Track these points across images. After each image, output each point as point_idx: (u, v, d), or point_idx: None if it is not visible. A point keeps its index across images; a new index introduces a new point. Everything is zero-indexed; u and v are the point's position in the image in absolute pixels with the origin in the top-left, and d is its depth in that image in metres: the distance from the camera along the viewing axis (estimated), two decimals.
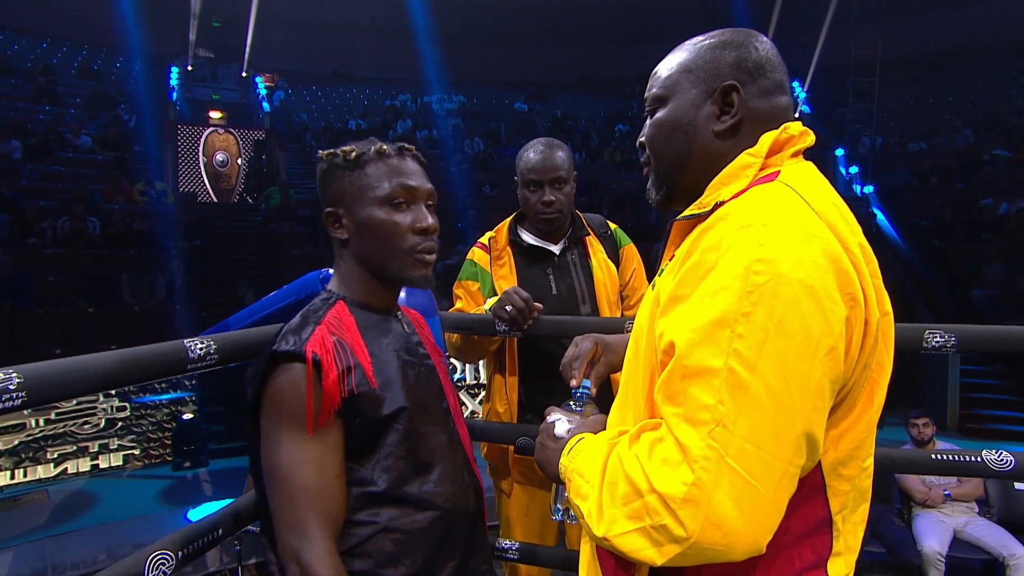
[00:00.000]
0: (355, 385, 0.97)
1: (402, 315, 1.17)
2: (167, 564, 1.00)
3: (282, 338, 0.98)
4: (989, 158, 11.12)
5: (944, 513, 3.55)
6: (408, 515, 1.00)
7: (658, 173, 0.93)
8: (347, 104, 17.78)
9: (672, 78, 0.90)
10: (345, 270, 1.11)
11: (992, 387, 7.21)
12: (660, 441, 0.70)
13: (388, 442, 1.00)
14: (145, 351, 1.03)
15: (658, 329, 0.76)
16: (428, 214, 1.09)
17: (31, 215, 8.16)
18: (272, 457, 0.95)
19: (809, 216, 0.73)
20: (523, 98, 18.58)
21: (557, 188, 1.80)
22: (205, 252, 9.23)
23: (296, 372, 0.95)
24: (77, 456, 5.62)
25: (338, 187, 1.08)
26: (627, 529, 0.69)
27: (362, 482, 0.99)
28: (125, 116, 12.63)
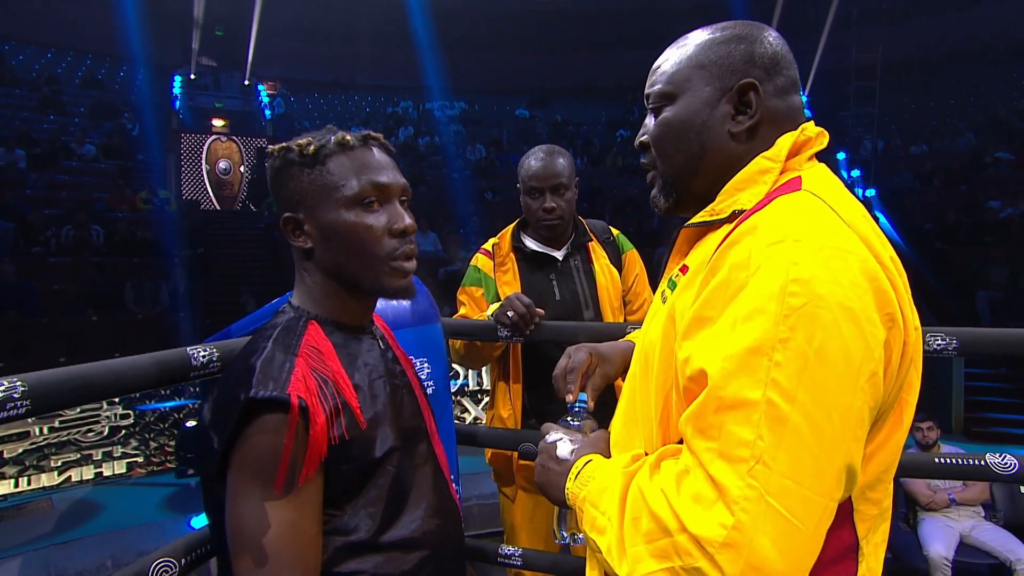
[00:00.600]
0: (345, 430, 0.84)
1: (376, 329, 1.03)
2: (171, 571, 1.00)
3: (257, 381, 0.81)
4: (992, 161, 11.10)
5: (950, 517, 3.53)
6: (395, 560, 0.89)
7: (666, 178, 0.86)
8: (349, 111, 17.85)
9: (681, 73, 0.82)
10: (311, 283, 0.95)
11: (997, 390, 7.18)
12: (687, 474, 0.65)
13: (377, 485, 0.88)
14: (148, 359, 1.03)
15: (682, 353, 0.70)
16: (404, 213, 0.94)
17: (36, 224, 8.21)
18: (240, 521, 0.80)
19: (842, 229, 0.67)
20: (524, 104, 18.63)
21: (558, 195, 1.82)
22: (208, 260, 9.26)
23: (277, 424, 0.80)
24: (81, 464, 5.63)
25: (296, 188, 0.92)
26: (654, 569, 0.64)
27: (344, 531, 0.87)
28: (129, 125, 12.70)
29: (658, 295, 0.89)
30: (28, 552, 3.93)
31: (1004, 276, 8.12)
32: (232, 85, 16.21)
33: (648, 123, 0.87)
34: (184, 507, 5.01)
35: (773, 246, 0.65)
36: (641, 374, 0.83)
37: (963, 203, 10.06)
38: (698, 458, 0.65)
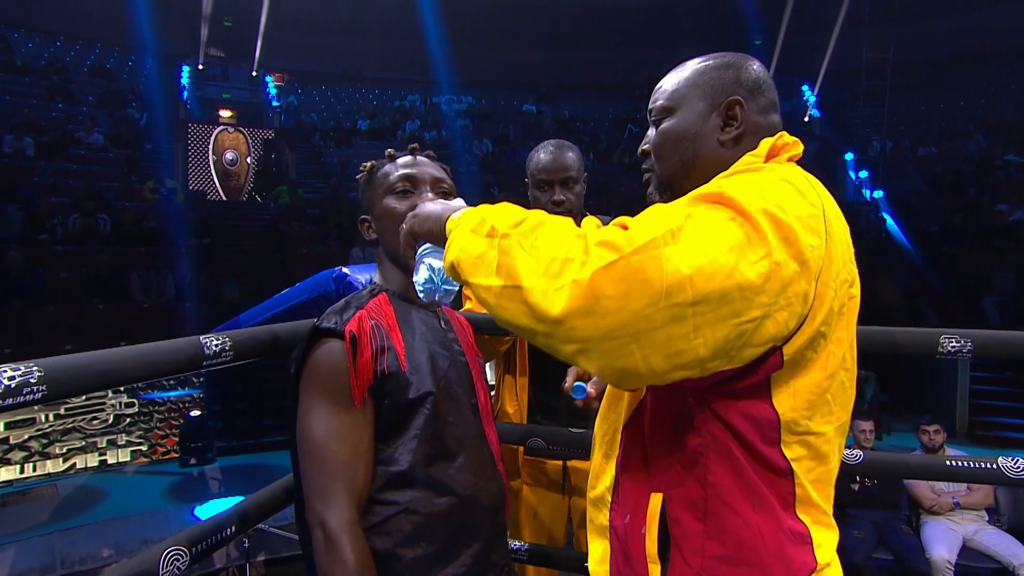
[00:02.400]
0: (387, 366, 1.03)
1: (442, 312, 1.22)
2: (181, 560, 1.01)
3: (325, 317, 1.06)
4: (1001, 164, 11.04)
5: (953, 521, 3.53)
6: (428, 498, 1.03)
7: (662, 179, 0.98)
8: (356, 104, 17.83)
9: (679, 92, 0.95)
10: (383, 266, 1.20)
11: (1002, 394, 7.15)
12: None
13: (414, 424, 1.04)
14: (162, 347, 1.04)
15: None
16: (432, 197, 1.14)
17: (43, 212, 8.22)
18: (306, 427, 1.00)
19: (790, 190, 0.77)
20: (532, 100, 18.60)
21: (567, 188, 1.81)
22: (214, 250, 9.28)
23: (334, 348, 1.02)
24: (86, 451, 5.66)
25: (364, 196, 1.21)
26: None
27: (387, 462, 1.03)
28: (136, 114, 12.71)
29: None
30: (33, 538, 3.95)
31: (1012, 280, 8.08)
32: (240, 76, 16.21)
33: (649, 134, 0.99)
34: (187, 496, 5.04)
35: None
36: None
37: (972, 206, 10.02)
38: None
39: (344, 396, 1.00)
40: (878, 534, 3.66)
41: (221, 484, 5.40)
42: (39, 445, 5.46)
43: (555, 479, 1.84)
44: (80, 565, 3.73)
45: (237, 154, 12.68)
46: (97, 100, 12.84)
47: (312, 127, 15.32)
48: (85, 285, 7.47)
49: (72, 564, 3.70)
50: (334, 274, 2.05)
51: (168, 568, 0.98)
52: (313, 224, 10.28)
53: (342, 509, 0.96)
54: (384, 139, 15.44)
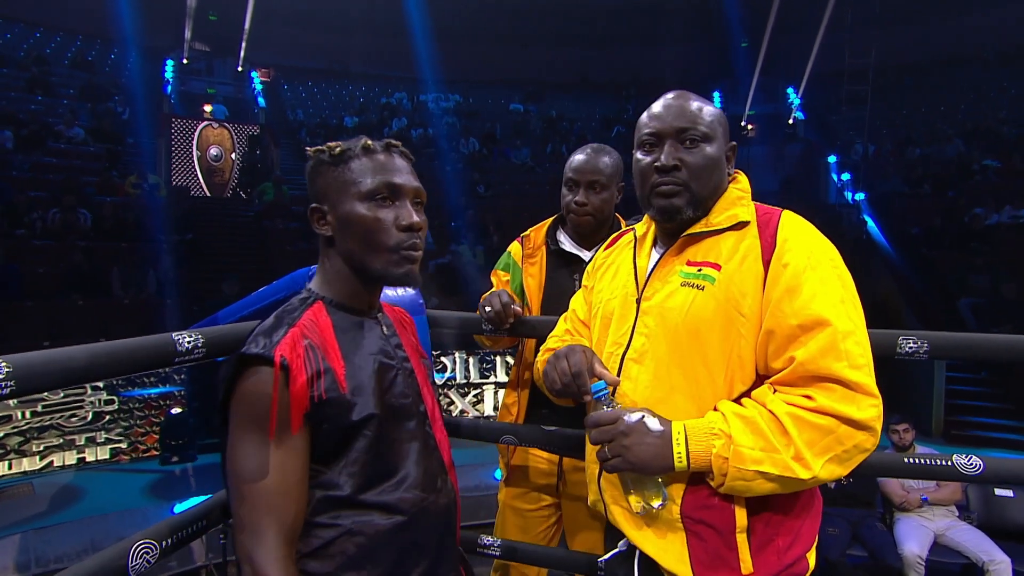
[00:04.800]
0: (324, 390, 0.96)
1: (383, 316, 1.15)
2: (151, 553, 1.02)
3: (252, 340, 0.96)
4: (979, 168, 11.22)
5: (925, 517, 3.59)
6: (372, 519, 0.99)
7: (698, 196, 1.13)
8: (343, 100, 17.74)
9: (714, 125, 1.15)
10: (328, 268, 1.09)
11: (978, 394, 7.27)
12: (823, 388, 0.98)
13: (356, 448, 0.99)
14: (134, 343, 1.04)
15: (783, 316, 1.02)
16: (414, 211, 1.06)
17: (21, 206, 8.11)
18: (235, 460, 0.94)
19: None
20: (519, 99, 18.60)
21: (593, 191, 1.79)
22: (197, 246, 9.20)
23: (263, 376, 0.93)
24: (63, 449, 5.59)
25: (323, 183, 1.07)
26: (826, 459, 0.97)
27: (327, 485, 0.98)
28: (119, 108, 12.56)
29: (671, 282, 1.14)
30: (8, 536, 3.91)
31: (986, 283, 8.22)
32: (225, 71, 16.06)
33: (675, 151, 1.13)
34: (167, 494, 5.00)
35: (814, 242, 1.08)
36: (688, 345, 1.08)
37: (950, 209, 10.17)
38: (836, 376, 0.97)
39: (276, 427, 0.93)
40: (852, 531, 3.72)
41: (201, 482, 5.36)
42: (15, 443, 5.39)
43: (549, 472, 1.85)
44: (56, 564, 3.69)
45: (222, 150, 12.57)
46: (78, 93, 12.66)
47: (298, 124, 15.22)
48: (64, 281, 7.38)
49: (47, 563, 3.66)
50: (309, 272, 2.04)
51: (138, 561, 0.99)
52: (298, 221, 10.22)
53: (271, 547, 0.91)
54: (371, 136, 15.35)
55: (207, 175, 12.37)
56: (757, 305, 1.05)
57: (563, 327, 1.43)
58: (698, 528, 1.05)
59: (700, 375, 1.07)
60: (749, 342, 1.06)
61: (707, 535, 1.05)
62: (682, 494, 1.06)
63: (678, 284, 1.11)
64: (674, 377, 1.08)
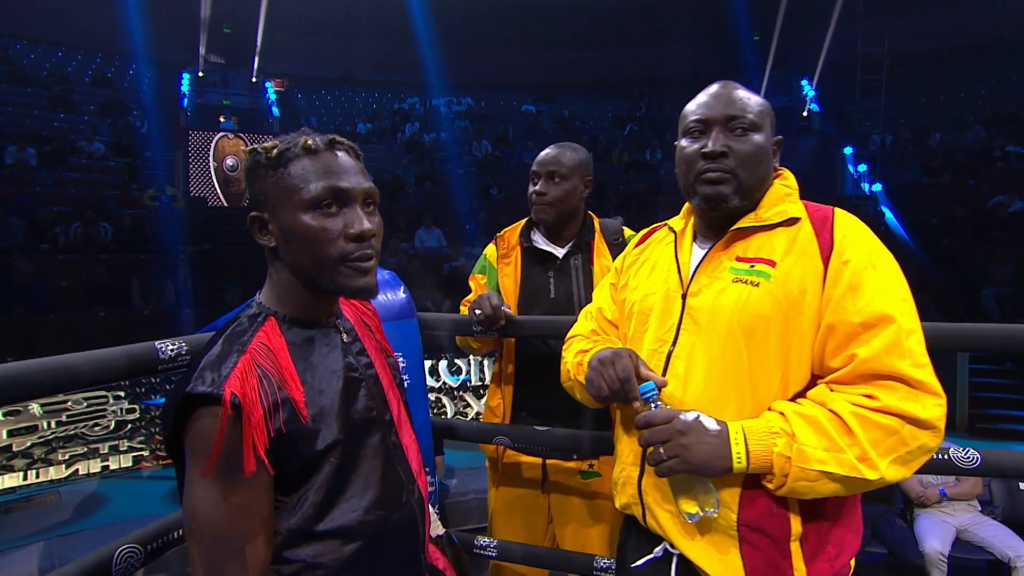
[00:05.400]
0: (283, 423, 0.87)
1: (341, 321, 1.05)
2: (136, 557, 1.03)
3: (198, 376, 0.85)
4: (1001, 154, 10.97)
5: (945, 513, 3.52)
6: (333, 548, 0.92)
7: (746, 185, 1.11)
8: (356, 107, 17.90)
9: (762, 115, 1.13)
10: (278, 280, 0.98)
11: (1003, 387, 7.11)
12: (885, 388, 0.96)
13: (321, 475, 0.91)
14: (116, 352, 1.07)
15: (845, 314, 1.00)
16: (364, 217, 0.94)
17: (44, 221, 8.32)
18: (192, 504, 0.84)
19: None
20: (531, 100, 18.61)
21: (553, 182, 1.81)
22: (214, 256, 9.35)
23: (212, 418, 0.83)
24: (88, 457, 5.71)
25: (261, 188, 0.94)
26: (891, 459, 0.95)
27: (288, 517, 0.91)
28: (137, 123, 12.81)
29: (721, 278, 1.11)
30: (35, 543, 4.00)
31: (1010, 272, 8.03)
32: (240, 82, 16.29)
33: (723, 138, 1.11)
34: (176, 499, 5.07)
35: (873, 241, 1.08)
36: (742, 343, 1.05)
37: (972, 198, 9.95)
38: (900, 374, 0.96)
39: (232, 470, 0.83)
40: (872, 528, 3.66)
41: None
42: (42, 452, 5.52)
43: (535, 476, 1.85)
44: None
45: (238, 160, 12.76)
46: (98, 109, 12.94)
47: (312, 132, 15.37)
48: (86, 292, 7.55)
49: None
50: None
51: (121, 565, 1.01)
52: None
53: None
54: (384, 142, 15.49)
55: (224, 185, 12.57)
56: (816, 303, 1.03)
57: (587, 325, 1.37)
58: (754, 537, 1.03)
59: (756, 374, 1.04)
60: (806, 340, 1.03)
61: (762, 544, 1.02)
62: (738, 501, 1.03)
63: (729, 280, 1.08)
64: (727, 376, 1.05)
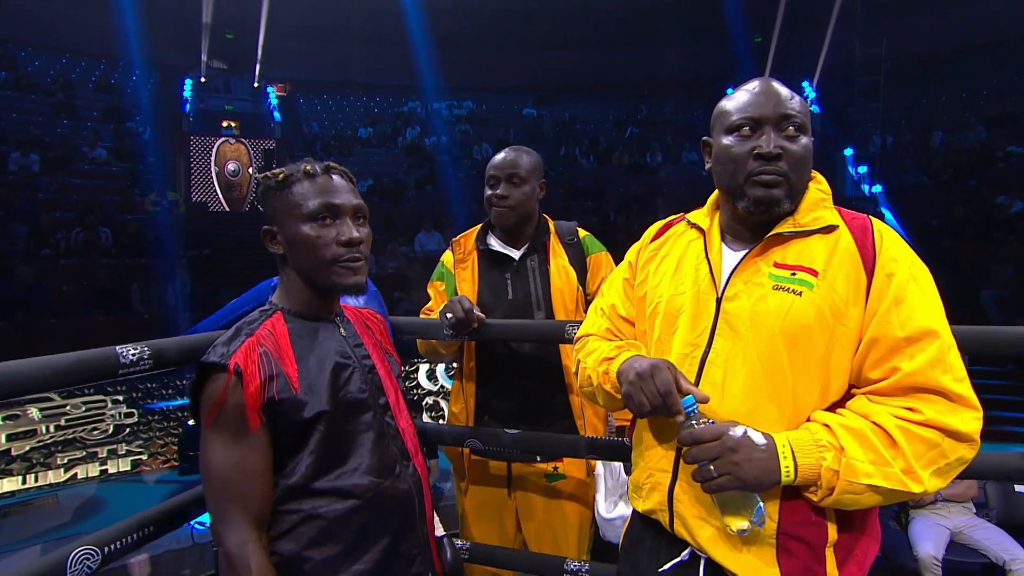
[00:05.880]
0: (276, 392, 1.07)
1: (342, 320, 1.25)
2: (92, 559, 1.05)
3: (212, 349, 1.08)
4: (1002, 155, 10.91)
5: (939, 515, 3.50)
6: (329, 504, 1.10)
7: (795, 189, 1.09)
8: (357, 112, 17.97)
9: (807, 115, 1.11)
10: (286, 281, 1.21)
11: (1002, 388, 7.07)
12: (927, 401, 0.97)
13: (311, 441, 1.10)
14: (76, 356, 1.08)
15: (895, 322, 1.01)
16: (354, 227, 1.16)
17: (47, 226, 8.37)
18: (205, 458, 1.07)
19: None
20: (532, 103, 18.64)
21: (513, 185, 1.83)
22: (215, 260, 9.39)
23: (220, 381, 1.05)
24: (87, 461, 5.74)
25: (271, 206, 1.18)
26: (932, 471, 0.96)
27: (288, 476, 1.10)
28: (140, 128, 12.90)
29: (760, 284, 1.09)
30: (34, 546, 4.02)
31: (1010, 274, 7.98)
32: (242, 87, 16.38)
33: (776, 137, 1.08)
34: None
35: (910, 252, 1.07)
36: (784, 352, 1.04)
37: (972, 199, 9.90)
38: (942, 388, 0.97)
39: (235, 426, 1.05)
40: None
41: None
42: (40, 456, 5.55)
43: (501, 479, 1.86)
44: None
45: (239, 165, 12.82)
46: (101, 115, 13.03)
47: (313, 136, 15.45)
48: (87, 297, 7.60)
49: None
50: (272, 283, 2.10)
51: (77, 567, 1.02)
52: None
53: (238, 531, 1.03)
54: (384, 146, 15.55)
55: (226, 190, 12.63)
56: (859, 315, 1.03)
57: (600, 324, 1.32)
58: (792, 544, 1.02)
59: (798, 384, 1.03)
60: (848, 352, 1.03)
61: (799, 551, 1.02)
62: (778, 510, 1.03)
63: (769, 287, 1.06)
64: (768, 386, 1.04)
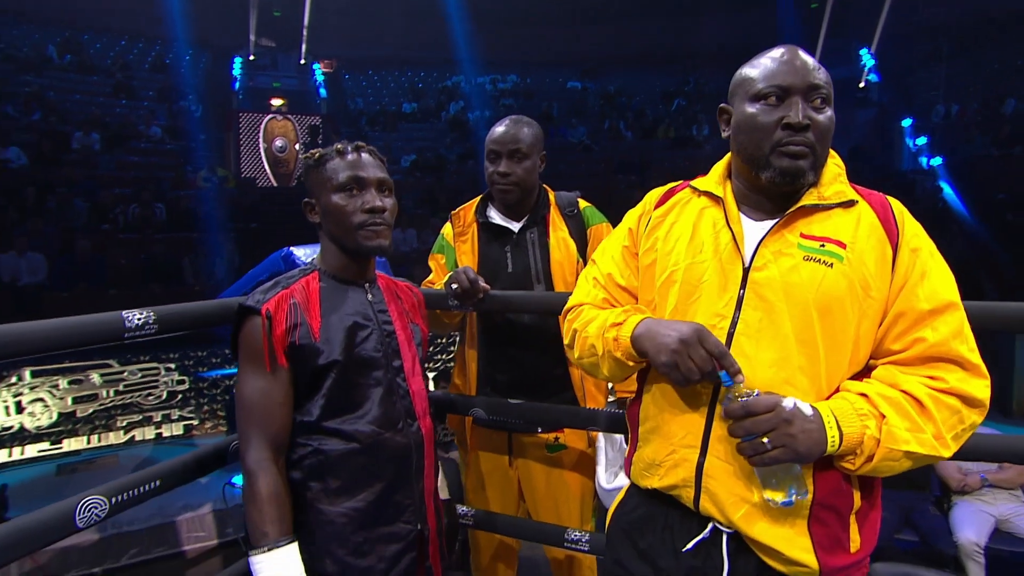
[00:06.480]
0: (298, 338, 1.24)
1: (372, 286, 1.40)
2: (100, 508, 1.12)
3: (252, 295, 1.27)
4: None
5: (984, 502, 3.35)
6: (332, 443, 1.26)
7: (820, 162, 1.09)
8: (401, 87, 18.02)
9: (831, 87, 1.09)
10: (324, 247, 1.37)
11: None
12: (949, 370, 1.01)
13: (325, 385, 1.26)
14: (83, 320, 1.14)
15: (921, 295, 1.03)
16: (377, 197, 1.32)
17: (107, 202, 8.77)
18: (238, 387, 1.25)
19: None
20: (576, 76, 18.31)
21: (515, 161, 1.80)
22: (261, 234, 9.66)
23: (254, 323, 1.24)
24: (143, 425, 6.08)
25: (309, 182, 1.36)
26: (951, 436, 1.00)
27: (304, 413, 1.27)
28: (192, 107, 13.29)
29: (790, 255, 1.08)
30: None
31: None
32: (289, 65, 16.62)
33: (805, 108, 1.06)
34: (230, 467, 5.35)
35: (923, 229, 1.10)
36: (817, 323, 1.04)
37: None
38: (960, 357, 1.01)
39: (262, 361, 1.22)
40: (904, 515, 3.53)
41: None
42: (102, 419, 5.91)
43: (502, 448, 1.88)
44: (128, 526, 4.06)
45: (286, 141, 13.10)
46: (156, 95, 13.47)
47: (358, 112, 15.61)
48: (143, 270, 7.96)
49: (120, 525, 4.03)
50: (283, 254, 2.20)
51: (85, 515, 1.09)
52: None
53: (256, 449, 1.20)
54: (428, 121, 15.58)
55: (273, 166, 12.94)
56: (885, 287, 1.04)
57: (595, 293, 1.27)
58: (823, 514, 1.04)
59: (828, 355, 1.04)
60: (873, 323, 1.04)
61: (830, 519, 1.04)
62: (811, 480, 1.03)
63: (800, 258, 1.06)
64: (800, 356, 1.04)
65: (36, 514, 1.04)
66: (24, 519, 1.03)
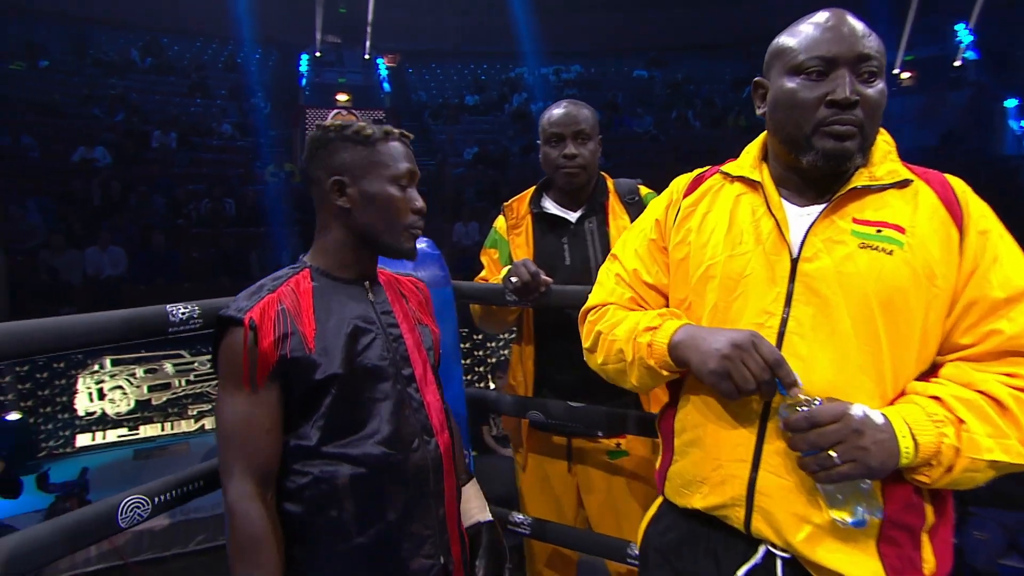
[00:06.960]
0: (290, 350, 1.04)
1: (373, 284, 1.21)
2: (143, 507, 1.07)
3: (233, 304, 1.07)
4: None
5: None
6: (337, 470, 1.07)
7: (868, 142, 0.97)
8: (464, 80, 18.08)
9: (883, 56, 0.97)
10: (328, 238, 1.16)
11: None
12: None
13: (323, 403, 1.07)
14: (127, 314, 1.09)
15: (995, 282, 0.92)
16: (418, 196, 1.19)
17: (181, 198, 9.17)
18: (217, 410, 1.07)
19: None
20: (643, 65, 17.89)
21: (580, 143, 1.71)
22: None
23: (235, 335, 1.04)
24: (212, 414, 6.33)
25: (347, 158, 1.13)
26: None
27: (301, 436, 1.08)
28: (261, 104, 13.74)
29: (844, 243, 0.96)
30: None
31: None
32: (355, 60, 16.95)
33: (853, 81, 0.93)
34: None
35: (988, 207, 0.98)
36: (879, 318, 0.93)
37: None
38: None
39: (245, 380, 1.04)
40: (1009, 538, 3.21)
41: None
42: (175, 408, 6.18)
43: (561, 453, 1.77)
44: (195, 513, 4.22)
45: None
46: (228, 93, 14.00)
47: (421, 105, 15.75)
48: (214, 263, 8.26)
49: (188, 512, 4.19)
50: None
51: (128, 514, 1.05)
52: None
53: (238, 483, 1.02)
54: (491, 114, 15.56)
55: None
56: (952, 274, 0.93)
57: (621, 291, 1.17)
58: (894, 532, 0.93)
59: (893, 353, 0.92)
60: (940, 315, 0.93)
61: (901, 538, 0.93)
62: (880, 496, 0.92)
63: (855, 246, 0.95)
64: (861, 356, 0.93)
65: (78, 513, 1.01)
66: (66, 518, 0.99)
